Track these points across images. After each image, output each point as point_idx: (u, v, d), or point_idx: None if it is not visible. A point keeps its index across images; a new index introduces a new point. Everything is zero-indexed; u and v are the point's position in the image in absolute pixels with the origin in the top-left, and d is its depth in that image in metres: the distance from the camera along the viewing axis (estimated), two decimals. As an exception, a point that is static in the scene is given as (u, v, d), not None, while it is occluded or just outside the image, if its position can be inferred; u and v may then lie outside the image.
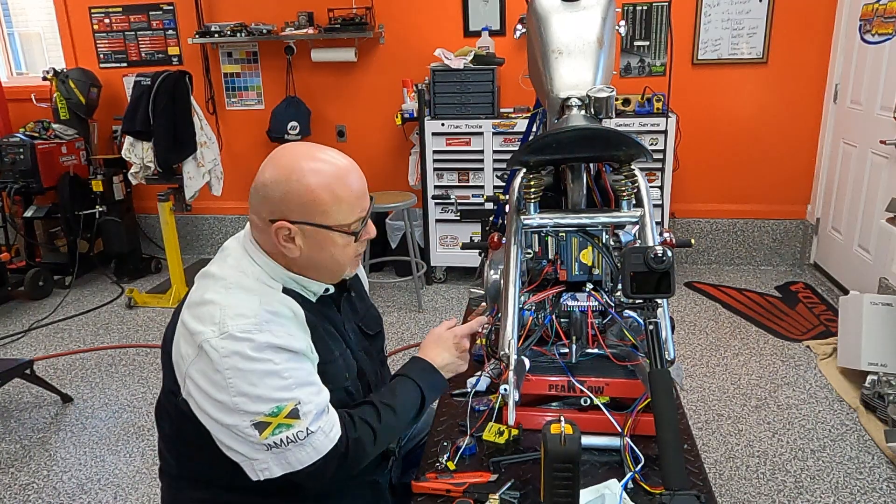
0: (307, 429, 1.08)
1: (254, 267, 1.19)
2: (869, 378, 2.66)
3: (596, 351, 1.36)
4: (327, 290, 1.26)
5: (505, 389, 1.14)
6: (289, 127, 4.40)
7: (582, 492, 1.09)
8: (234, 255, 1.21)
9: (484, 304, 1.53)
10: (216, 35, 4.33)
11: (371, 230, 1.23)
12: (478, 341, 1.68)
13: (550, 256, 1.36)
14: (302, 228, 1.14)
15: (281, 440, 1.07)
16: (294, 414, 1.07)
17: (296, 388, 1.08)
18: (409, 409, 1.25)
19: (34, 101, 4.72)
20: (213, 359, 1.06)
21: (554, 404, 1.37)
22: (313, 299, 1.24)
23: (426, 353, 1.35)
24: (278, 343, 1.09)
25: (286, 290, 1.19)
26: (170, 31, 4.63)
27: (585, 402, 1.29)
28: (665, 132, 3.72)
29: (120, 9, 4.63)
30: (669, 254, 1.06)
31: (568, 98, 1.34)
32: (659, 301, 1.12)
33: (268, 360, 1.07)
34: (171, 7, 4.57)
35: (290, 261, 1.19)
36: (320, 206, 1.13)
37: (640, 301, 1.11)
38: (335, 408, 1.18)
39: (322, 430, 1.10)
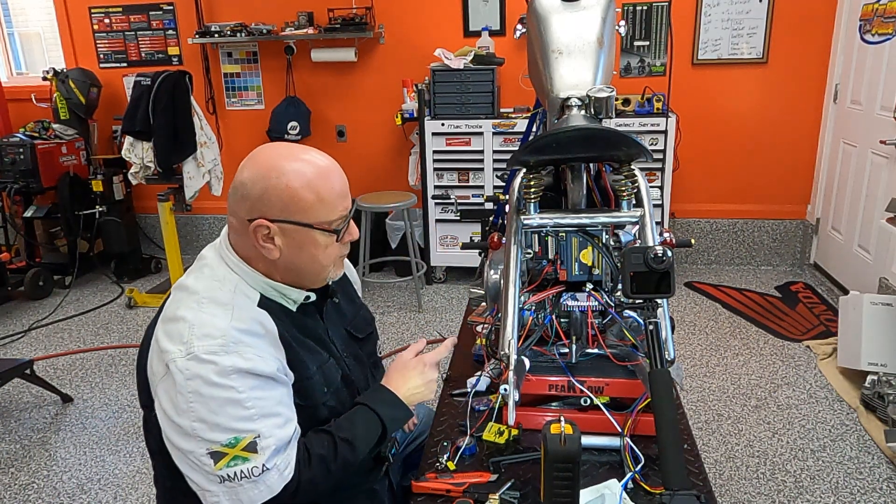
0: (263, 465, 1.03)
1: (230, 275, 1.14)
2: (869, 378, 2.66)
3: (596, 351, 1.36)
4: (308, 297, 1.20)
5: (505, 389, 1.14)
6: (289, 127, 4.40)
7: (582, 492, 1.09)
8: (209, 265, 1.16)
9: (484, 304, 1.53)
10: (216, 35, 4.33)
11: (354, 231, 1.19)
12: (478, 341, 1.68)
13: (550, 256, 1.36)
14: (282, 227, 1.10)
15: (235, 474, 1.02)
16: (252, 447, 1.03)
17: (258, 419, 1.04)
18: (369, 442, 1.19)
19: (34, 101, 4.72)
20: (176, 381, 1.02)
21: (554, 404, 1.37)
22: (293, 308, 1.19)
23: (391, 381, 1.28)
24: (245, 367, 1.03)
25: (264, 300, 1.15)
26: (170, 31, 4.63)
27: (585, 402, 1.29)
28: (665, 132, 3.72)
29: (120, 9, 4.63)
30: (669, 254, 1.06)
31: (568, 98, 1.34)
32: (659, 301, 1.12)
33: (231, 388, 1.02)
34: (171, 7, 4.57)
35: (270, 265, 1.14)
36: (300, 204, 1.09)
37: (640, 301, 1.11)
38: (314, 426, 1.15)
39: (277, 467, 1.05)
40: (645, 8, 4.03)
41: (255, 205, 1.09)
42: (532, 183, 1.31)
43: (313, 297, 1.21)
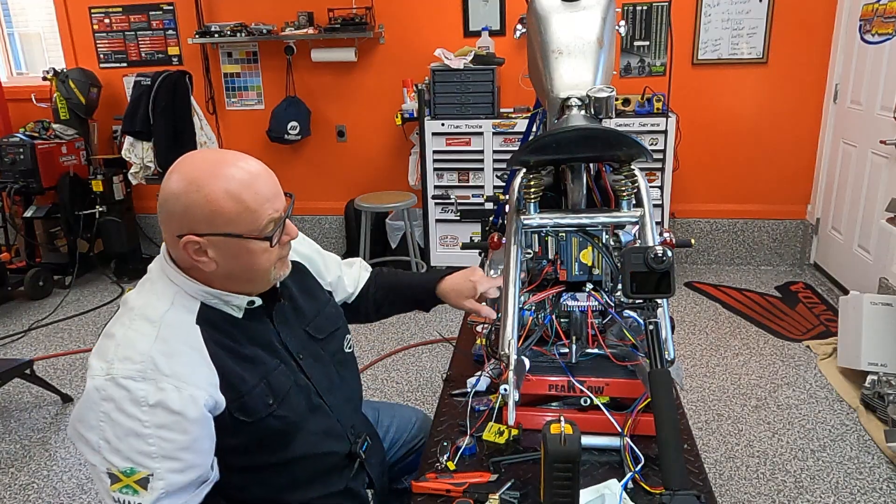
0: None
1: (169, 288, 1.13)
2: (869, 378, 2.66)
3: (596, 351, 1.36)
4: (252, 302, 1.18)
5: (505, 389, 1.14)
6: (289, 127, 4.40)
7: (582, 492, 1.09)
8: (151, 279, 1.16)
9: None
10: (216, 35, 4.33)
11: (291, 231, 1.16)
12: (478, 341, 1.68)
13: (550, 256, 1.36)
14: (211, 240, 1.08)
15: (124, 501, 1.03)
16: (143, 483, 1.02)
17: (157, 459, 1.02)
18: None
19: (34, 101, 4.71)
20: (92, 398, 1.03)
21: (554, 404, 1.36)
22: (239, 315, 1.17)
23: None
24: (157, 399, 1.02)
25: (206, 309, 1.13)
26: (170, 31, 4.63)
27: (585, 402, 1.29)
28: (665, 132, 3.72)
29: (120, 9, 4.63)
30: (669, 254, 1.05)
31: (568, 98, 1.34)
32: (659, 301, 1.12)
33: (137, 420, 1.01)
34: (171, 7, 4.57)
35: (209, 275, 1.12)
36: (225, 215, 1.06)
37: (640, 301, 1.11)
38: (266, 439, 1.15)
39: None
40: (645, 8, 4.03)
41: (182, 221, 1.08)
42: (532, 183, 1.31)
43: (259, 301, 1.19)
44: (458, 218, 4.04)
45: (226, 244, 1.09)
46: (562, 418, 1.05)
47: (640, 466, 1.18)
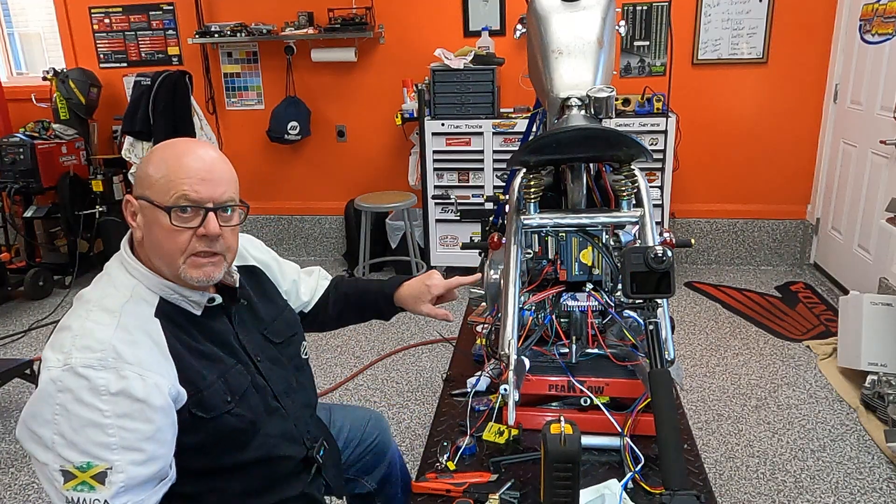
0: (105, 501, 0.97)
1: (129, 280, 1.13)
2: (869, 378, 2.66)
3: (596, 351, 1.36)
4: (212, 300, 1.18)
5: (505, 389, 1.14)
6: (289, 127, 4.40)
7: (582, 492, 1.09)
8: (109, 273, 1.16)
9: (484, 303, 1.54)
10: (216, 35, 4.33)
11: (210, 227, 1.10)
12: (478, 341, 1.68)
13: (550, 256, 1.36)
14: (140, 204, 1.11)
15: (79, 499, 0.97)
16: (100, 477, 0.97)
17: (116, 451, 0.98)
18: None
19: (34, 101, 4.71)
20: (47, 390, 0.98)
21: (554, 404, 1.37)
22: (198, 312, 1.17)
23: None
24: (119, 387, 0.99)
25: (165, 304, 1.12)
26: (170, 31, 4.63)
27: (585, 402, 1.29)
28: (665, 132, 3.72)
29: (120, 9, 4.63)
30: (669, 254, 1.06)
31: (568, 98, 1.34)
32: (659, 301, 1.12)
33: (96, 410, 0.97)
34: (171, 7, 4.57)
35: (147, 256, 1.13)
36: (148, 179, 1.10)
37: (640, 301, 1.11)
38: (224, 437, 1.14)
39: None
40: (645, 8, 4.03)
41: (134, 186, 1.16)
42: (532, 183, 1.31)
43: (219, 299, 1.19)
44: (458, 218, 4.04)
45: (144, 210, 1.11)
46: (562, 418, 1.05)
47: (640, 466, 1.18)
